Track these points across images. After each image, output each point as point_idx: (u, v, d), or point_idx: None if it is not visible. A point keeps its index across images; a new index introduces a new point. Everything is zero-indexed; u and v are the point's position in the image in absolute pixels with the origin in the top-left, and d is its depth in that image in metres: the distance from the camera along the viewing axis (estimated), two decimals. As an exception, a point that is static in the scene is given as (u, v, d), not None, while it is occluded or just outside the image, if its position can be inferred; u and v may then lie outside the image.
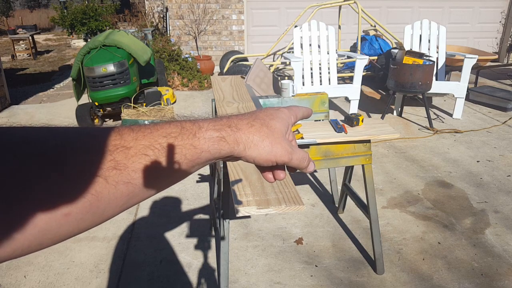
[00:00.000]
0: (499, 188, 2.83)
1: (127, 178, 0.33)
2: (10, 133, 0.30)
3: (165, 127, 0.36)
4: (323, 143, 1.75)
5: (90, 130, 0.34)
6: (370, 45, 5.85)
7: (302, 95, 2.27)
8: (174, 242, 2.25)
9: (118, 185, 0.32)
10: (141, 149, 0.34)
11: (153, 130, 0.35)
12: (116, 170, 0.32)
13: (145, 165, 0.34)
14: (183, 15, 6.50)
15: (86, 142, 0.32)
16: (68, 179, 0.29)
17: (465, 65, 4.11)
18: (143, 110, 3.55)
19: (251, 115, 0.41)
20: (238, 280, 1.96)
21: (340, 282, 1.95)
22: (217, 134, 0.37)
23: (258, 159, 0.40)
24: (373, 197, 1.92)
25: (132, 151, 0.33)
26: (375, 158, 3.28)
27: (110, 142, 0.33)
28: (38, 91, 5.86)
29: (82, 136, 0.33)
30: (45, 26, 15.71)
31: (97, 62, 3.81)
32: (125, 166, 0.33)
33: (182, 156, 0.36)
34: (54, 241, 0.30)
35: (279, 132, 0.41)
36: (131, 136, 0.34)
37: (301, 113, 0.47)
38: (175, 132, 0.36)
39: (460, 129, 3.97)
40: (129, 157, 0.33)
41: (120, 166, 0.32)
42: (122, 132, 0.34)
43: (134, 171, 0.33)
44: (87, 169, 0.31)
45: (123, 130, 0.34)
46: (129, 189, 0.33)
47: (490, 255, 2.13)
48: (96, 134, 0.33)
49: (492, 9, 7.16)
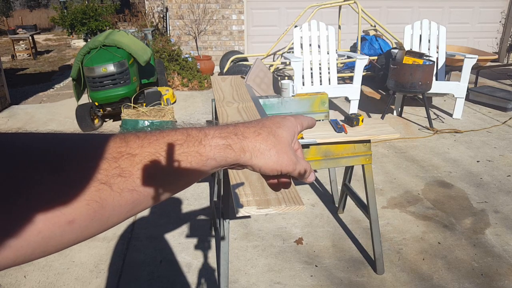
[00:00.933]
0: (499, 188, 2.83)
1: (132, 185, 0.33)
2: (12, 140, 0.30)
3: (171, 134, 0.36)
4: (323, 143, 1.75)
5: (95, 136, 0.34)
6: (370, 45, 5.85)
7: (302, 95, 2.27)
8: (174, 242, 2.25)
9: (123, 192, 0.32)
10: (146, 156, 0.33)
11: (159, 137, 0.35)
12: (121, 177, 0.32)
13: (151, 173, 0.33)
14: (183, 15, 6.50)
15: (90, 149, 0.32)
16: (72, 186, 0.29)
17: (465, 65, 4.11)
18: (143, 110, 3.54)
19: (258, 123, 0.41)
20: (238, 280, 1.96)
21: (340, 282, 1.95)
22: (223, 142, 0.37)
23: (264, 168, 0.40)
24: (373, 197, 1.92)
25: (137, 158, 0.33)
26: (375, 158, 3.28)
27: (115, 149, 0.33)
28: (38, 91, 5.86)
29: (87, 143, 0.33)
30: (45, 26, 15.70)
31: (97, 62, 3.81)
32: (130, 173, 0.32)
33: (188, 164, 0.36)
34: (58, 248, 0.30)
35: (285, 141, 0.41)
36: (137, 143, 0.34)
37: (306, 122, 0.47)
38: (181, 140, 0.36)
39: (460, 129, 3.97)
40: (135, 164, 0.33)
41: (125, 173, 0.32)
42: (128, 139, 0.34)
43: (139, 178, 0.33)
44: (92, 176, 0.31)
45: (129, 137, 0.34)
46: (134, 196, 0.33)
47: (490, 255, 2.13)
48: (101, 141, 0.33)
49: (492, 9, 7.16)
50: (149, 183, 0.33)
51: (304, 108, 2.26)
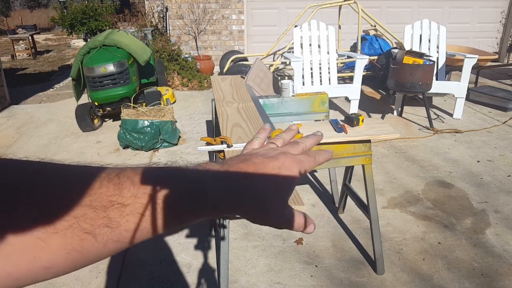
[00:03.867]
0: (500, 188, 2.82)
1: (117, 237, 0.31)
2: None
3: (172, 185, 0.34)
4: (323, 143, 1.75)
5: (89, 179, 0.31)
6: (370, 45, 5.85)
7: (302, 95, 2.27)
8: (174, 242, 2.25)
9: (108, 243, 0.31)
10: (138, 207, 0.32)
11: (155, 186, 0.33)
12: (108, 228, 0.30)
13: (140, 226, 0.32)
14: (183, 15, 6.50)
15: (79, 194, 0.30)
16: (54, 232, 0.28)
17: (465, 65, 4.11)
18: (143, 110, 3.54)
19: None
20: (238, 280, 1.96)
21: (340, 282, 1.95)
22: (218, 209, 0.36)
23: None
24: (373, 197, 1.91)
25: (128, 209, 0.31)
26: (375, 158, 3.28)
27: (106, 197, 0.31)
28: (38, 91, 5.86)
29: (78, 188, 0.30)
30: (45, 26, 15.70)
31: (97, 62, 3.81)
32: (118, 224, 0.31)
33: (182, 221, 0.34)
34: (28, 285, 0.29)
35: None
36: (131, 192, 0.32)
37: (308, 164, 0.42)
38: (181, 195, 0.34)
39: (461, 129, 3.96)
40: (124, 215, 0.31)
41: (113, 224, 0.30)
42: (122, 186, 0.32)
43: (127, 230, 0.31)
44: (77, 225, 0.29)
45: (124, 183, 0.32)
46: (117, 246, 0.32)
47: (491, 255, 2.13)
48: (94, 186, 0.31)
49: (492, 9, 7.16)
50: (136, 235, 0.32)
51: (304, 108, 2.25)
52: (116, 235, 0.31)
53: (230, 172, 0.37)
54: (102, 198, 0.30)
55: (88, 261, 0.31)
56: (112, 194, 0.31)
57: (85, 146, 3.68)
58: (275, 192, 0.38)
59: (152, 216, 0.32)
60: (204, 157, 3.32)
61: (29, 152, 3.56)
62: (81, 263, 0.30)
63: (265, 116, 1.73)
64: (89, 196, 0.30)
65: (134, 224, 0.32)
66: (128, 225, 0.31)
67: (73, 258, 0.29)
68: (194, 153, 3.45)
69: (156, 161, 3.32)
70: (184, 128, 4.03)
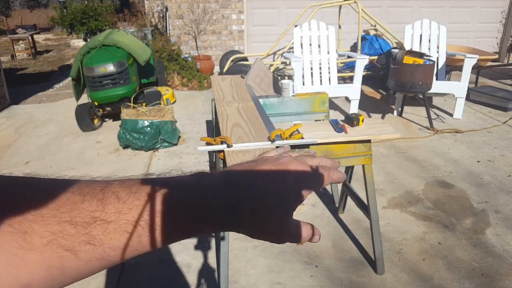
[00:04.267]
0: (500, 188, 2.82)
1: (101, 254, 0.29)
2: None
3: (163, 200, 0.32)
4: (323, 143, 1.74)
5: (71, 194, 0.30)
6: (370, 44, 5.85)
7: (302, 95, 2.27)
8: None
9: (90, 261, 0.29)
10: (122, 224, 0.30)
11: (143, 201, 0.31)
12: (90, 245, 0.29)
13: (125, 244, 0.30)
14: (183, 14, 6.49)
15: (59, 210, 0.29)
16: (31, 249, 0.27)
17: (465, 65, 4.11)
18: (143, 110, 3.54)
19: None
20: (238, 281, 1.96)
21: (340, 283, 1.95)
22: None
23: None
24: (373, 197, 1.91)
25: (112, 226, 0.30)
26: (376, 158, 3.28)
27: (89, 213, 0.29)
28: (38, 91, 5.86)
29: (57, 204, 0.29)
30: (45, 26, 15.70)
31: (97, 62, 3.81)
32: (101, 242, 0.29)
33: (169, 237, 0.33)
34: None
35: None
36: (115, 208, 0.30)
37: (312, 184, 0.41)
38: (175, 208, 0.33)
39: (461, 129, 3.96)
40: (108, 232, 0.29)
41: (95, 241, 0.29)
42: (106, 202, 0.30)
43: (111, 248, 0.30)
44: (55, 241, 0.28)
45: (108, 199, 0.30)
46: (102, 264, 0.30)
47: (491, 255, 2.13)
48: (76, 201, 0.29)
49: (493, 9, 7.16)
50: (121, 253, 0.30)
51: (304, 108, 2.25)
52: (99, 252, 0.29)
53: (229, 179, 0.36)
54: (84, 214, 0.29)
55: (71, 278, 0.29)
56: (95, 210, 0.29)
57: (85, 146, 3.67)
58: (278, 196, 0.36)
59: (138, 234, 0.30)
60: (204, 157, 3.32)
61: (29, 152, 3.56)
62: (62, 280, 0.29)
63: (265, 116, 1.72)
64: (70, 211, 0.29)
65: (119, 242, 0.30)
66: (112, 243, 0.30)
67: (53, 274, 0.28)
68: (194, 153, 3.44)
69: (156, 161, 3.32)
70: (184, 128, 4.03)
